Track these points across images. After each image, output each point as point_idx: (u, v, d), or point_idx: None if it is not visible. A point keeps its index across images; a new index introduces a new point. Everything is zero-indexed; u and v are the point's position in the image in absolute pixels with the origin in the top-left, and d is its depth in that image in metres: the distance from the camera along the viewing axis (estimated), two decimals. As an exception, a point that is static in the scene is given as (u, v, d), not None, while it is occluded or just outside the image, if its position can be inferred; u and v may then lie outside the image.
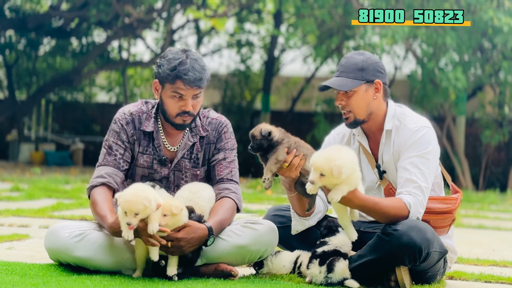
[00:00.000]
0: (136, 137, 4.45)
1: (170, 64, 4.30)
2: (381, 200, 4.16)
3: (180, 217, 4.07)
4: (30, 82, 22.75)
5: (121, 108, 4.56)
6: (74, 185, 12.07)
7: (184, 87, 4.29)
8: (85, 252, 4.18)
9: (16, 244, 5.51)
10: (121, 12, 17.76)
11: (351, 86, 4.34)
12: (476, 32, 15.36)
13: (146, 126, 4.45)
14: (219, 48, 22.81)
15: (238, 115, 22.07)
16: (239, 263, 4.40)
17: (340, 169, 3.89)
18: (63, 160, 20.38)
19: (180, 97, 4.32)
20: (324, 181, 3.95)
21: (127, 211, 3.94)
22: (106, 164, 4.40)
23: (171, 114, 4.36)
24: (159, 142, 4.45)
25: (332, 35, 18.17)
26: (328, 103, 19.41)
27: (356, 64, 4.38)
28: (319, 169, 3.93)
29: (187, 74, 4.27)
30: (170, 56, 4.34)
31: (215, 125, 4.58)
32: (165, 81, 4.33)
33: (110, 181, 4.34)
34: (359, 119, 4.41)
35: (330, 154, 3.97)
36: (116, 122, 4.46)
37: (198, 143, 4.52)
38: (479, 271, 5.04)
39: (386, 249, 4.10)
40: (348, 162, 3.94)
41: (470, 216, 9.98)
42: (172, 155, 4.49)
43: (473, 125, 18.47)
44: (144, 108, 4.51)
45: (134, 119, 4.46)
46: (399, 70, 20.13)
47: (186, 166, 4.48)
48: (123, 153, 4.42)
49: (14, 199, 9.36)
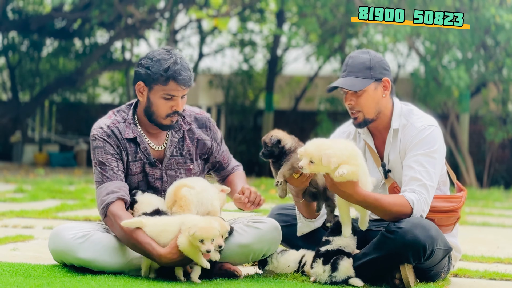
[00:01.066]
0: (123, 146, 4.37)
1: (162, 65, 4.24)
2: (383, 197, 4.15)
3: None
4: (33, 83, 22.79)
5: (94, 124, 4.46)
6: (78, 186, 12.08)
7: (177, 88, 4.25)
8: (89, 253, 4.17)
9: (20, 245, 5.51)
10: (123, 12, 17.77)
11: (362, 86, 4.33)
12: (479, 29, 15.35)
13: (127, 134, 4.38)
14: (222, 48, 22.81)
15: (241, 115, 22.08)
16: (242, 262, 4.40)
17: (330, 158, 3.89)
18: (67, 161, 20.40)
19: (171, 98, 4.28)
20: (313, 168, 3.96)
21: (204, 238, 3.93)
22: (108, 180, 4.29)
23: (161, 115, 4.31)
24: (144, 145, 4.40)
25: (335, 33, 18.16)
26: (331, 102, 19.40)
27: (363, 63, 4.36)
28: (309, 156, 3.95)
29: (181, 74, 4.24)
30: (158, 57, 4.27)
31: (203, 122, 4.57)
32: (155, 83, 4.26)
33: (123, 194, 4.24)
34: (369, 119, 4.39)
35: (323, 142, 4.00)
36: (97, 138, 4.37)
37: (187, 138, 4.50)
38: (483, 269, 5.03)
39: (390, 247, 4.09)
40: (340, 151, 3.94)
41: (475, 214, 9.97)
42: (160, 154, 4.45)
43: (477, 123, 18.45)
44: (118, 118, 4.43)
45: (113, 130, 4.37)
46: (402, 68, 20.12)
47: (178, 163, 4.46)
48: (117, 164, 4.33)
49: (18, 200, 9.37)
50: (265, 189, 12.83)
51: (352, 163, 3.96)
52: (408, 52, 19.64)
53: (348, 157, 3.96)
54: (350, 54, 4.47)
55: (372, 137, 4.52)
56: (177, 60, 4.26)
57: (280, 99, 22.78)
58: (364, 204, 4.11)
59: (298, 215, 4.55)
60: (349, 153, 3.97)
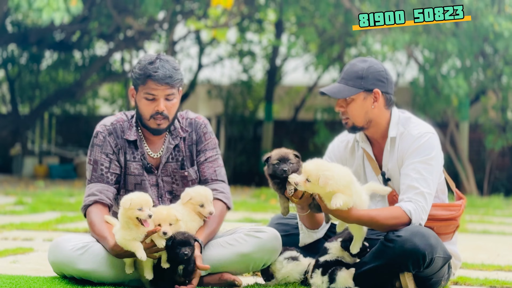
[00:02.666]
0: (120, 145, 4.44)
1: (141, 65, 4.33)
2: (378, 213, 4.14)
3: (179, 224, 4.10)
4: (33, 95, 22.81)
5: (101, 121, 4.54)
6: (78, 198, 12.08)
7: (156, 86, 4.29)
8: (89, 264, 4.17)
9: (20, 257, 5.51)
10: (122, 24, 17.81)
11: (347, 94, 4.34)
12: (477, 37, 15.37)
13: (129, 135, 4.45)
14: (221, 58, 22.84)
15: (241, 125, 22.09)
16: (242, 271, 4.40)
17: (327, 179, 3.89)
18: (67, 173, 20.40)
19: (153, 99, 4.32)
20: (308, 187, 3.96)
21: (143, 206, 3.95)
22: (94, 181, 4.38)
23: (145, 117, 4.36)
24: (142, 150, 4.45)
25: (333, 43, 18.19)
26: (328, 111, 19.42)
27: (356, 72, 4.37)
28: (306, 174, 3.95)
29: (156, 71, 4.28)
30: (143, 59, 4.37)
31: (195, 126, 4.57)
32: (138, 84, 4.35)
33: (102, 197, 4.33)
34: (357, 126, 4.41)
35: (323, 163, 3.98)
36: (98, 135, 4.44)
37: (182, 145, 4.50)
38: (484, 276, 5.02)
39: (389, 255, 4.10)
40: (338, 177, 3.94)
41: (475, 222, 9.96)
42: (156, 161, 4.48)
43: (476, 130, 18.45)
44: (124, 117, 4.52)
45: (115, 128, 4.46)
46: (402, 76, 20.13)
47: (174, 170, 4.47)
48: (109, 165, 4.40)
49: (18, 213, 9.37)
50: (265, 199, 12.83)
51: (347, 192, 3.97)
52: (407, 61, 19.66)
53: (345, 186, 3.96)
54: (351, 60, 4.49)
55: (370, 145, 4.53)
56: (157, 60, 4.33)
57: (279, 109, 22.79)
58: (360, 224, 4.12)
59: (300, 225, 4.55)
60: (346, 182, 3.97)
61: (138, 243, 3.99)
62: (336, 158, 4.62)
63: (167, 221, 4.02)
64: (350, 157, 4.59)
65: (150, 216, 3.94)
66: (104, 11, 17.81)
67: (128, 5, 17.80)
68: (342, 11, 16.66)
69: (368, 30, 16.32)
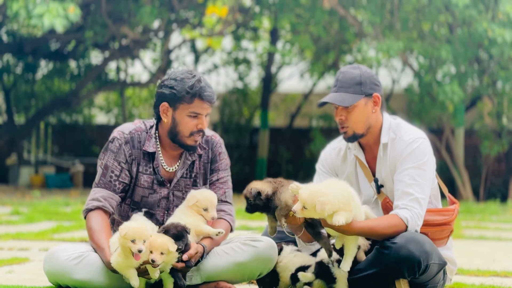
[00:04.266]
0: (135, 156, 4.42)
1: (186, 84, 4.30)
2: (377, 224, 4.14)
3: (175, 254, 4.06)
4: (28, 105, 22.78)
5: (119, 126, 4.52)
6: (74, 207, 12.07)
7: (203, 105, 4.31)
8: (84, 274, 4.17)
9: (16, 267, 5.51)
10: (117, 33, 17.82)
11: (352, 101, 4.35)
12: (472, 44, 15.41)
13: (148, 146, 4.43)
14: (217, 67, 22.86)
15: (237, 133, 22.09)
16: (238, 281, 4.40)
17: (324, 205, 3.89)
18: (63, 183, 20.36)
19: (196, 116, 4.33)
20: (306, 213, 3.96)
21: (136, 239, 3.92)
22: (101, 186, 4.37)
23: (185, 134, 4.35)
24: (157, 163, 4.44)
25: (329, 50, 18.22)
26: (324, 118, 19.43)
27: (353, 78, 4.38)
28: (302, 202, 3.95)
29: (206, 91, 4.30)
30: (181, 77, 4.33)
31: (211, 144, 4.58)
32: (180, 102, 4.31)
33: (105, 205, 4.32)
34: (358, 133, 4.41)
35: (317, 189, 3.96)
36: (114, 141, 4.41)
37: (197, 162, 4.52)
38: (479, 282, 5.03)
39: (385, 262, 4.10)
40: (334, 199, 3.93)
41: (471, 227, 9.97)
42: (170, 175, 4.48)
43: (472, 137, 18.48)
44: (143, 127, 4.49)
45: (133, 137, 4.43)
46: (397, 83, 20.17)
47: (186, 186, 4.48)
48: (119, 174, 4.38)
49: (14, 223, 9.35)
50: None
51: (348, 209, 3.97)
52: (402, 68, 19.70)
53: (344, 203, 3.96)
54: (341, 69, 4.49)
55: (363, 152, 4.54)
56: (201, 78, 4.34)
57: (275, 117, 22.80)
58: (360, 235, 4.13)
59: (297, 240, 4.55)
60: (345, 199, 3.96)
61: (132, 270, 3.99)
62: (329, 166, 4.63)
63: (159, 250, 3.97)
64: (342, 164, 4.60)
65: (140, 251, 3.91)
66: (99, 20, 17.82)
67: (123, 14, 17.81)
68: (337, 18, 16.69)
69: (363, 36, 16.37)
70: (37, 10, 12.73)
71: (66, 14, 13.02)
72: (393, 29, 15.87)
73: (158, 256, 3.96)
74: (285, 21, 17.28)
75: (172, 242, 4.01)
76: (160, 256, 3.96)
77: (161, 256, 3.97)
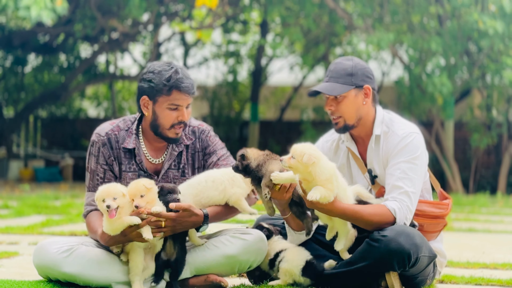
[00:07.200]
0: (114, 156, 4.42)
1: (164, 76, 4.29)
2: (362, 208, 4.15)
3: (153, 194, 4.07)
4: (17, 98, 22.72)
5: (97, 127, 4.52)
6: (63, 201, 12.03)
7: (181, 97, 4.30)
8: (74, 267, 4.16)
9: (5, 261, 5.49)
10: (106, 26, 17.76)
11: (341, 91, 4.36)
12: (462, 36, 15.43)
13: (127, 143, 4.43)
14: (206, 60, 22.83)
15: (227, 126, 22.09)
16: (228, 274, 4.40)
17: (311, 157, 3.90)
18: (52, 176, 20.31)
19: (176, 108, 4.32)
20: (292, 164, 3.95)
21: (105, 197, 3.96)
22: (92, 190, 4.40)
23: (165, 126, 4.35)
24: (140, 158, 4.43)
25: (319, 43, 18.22)
26: (316, 111, 19.44)
27: (345, 69, 4.40)
28: (292, 151, 3.97)
29: (183, 82, 4.29)
30: (159, 69, 4.33)
31: (199, 133, 4.58)
32: (159, 94, 4.31)
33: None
34: (349, 124, 4.42)
35: (311, 147, 4.00)
36: (94, 145, 4.45)
37: (185, 152, 4.51)
38: (469, 274, 5.04)
39: (375, 255, 4.10)
40: (323, 162, 3.96)
41: (461, 220, 9.99)
42: (156, 167, 4.48)
43: (461, 129, 18.53)
44: (121, 125, 4.48)
45: (110, 138, 4.43)
46: (387, 76, 20.20)
47: (174, 176, 4.47)
48: (103, 176, 4.41)
49: (3, 217, 9.32)
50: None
51: (328, 187, 3.97)
52: (392, 60, 19.73)
53: (327, 179, 3.97)
54: (334, 60, 4.51)
55: (355, 144, 4.54)
56: (178, 69, 4.32)
57: (265, 110, 22.81)
58: (344, 217, 4.13)
59: (287, 229, 4.54)
60: (329, 175, 3.98)
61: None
62: (321, 159, 4.62)
63: (138, 193, 4.01)
64: (334, 156, 4.61)
65: (108, 206, 3.94)
66: (88, 13, 17.76)
67: (112, 7, 17.76)
68: (327, 11, 16.69)
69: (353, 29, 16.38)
70: (24, 2, 12.68)
71: (53, 6, 12.97)
72: (382, 21, 15.88)
73: (139, 200, 4.00)
74: (275, 14, 17.27)
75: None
76: (141, 199, 4.00)
77: (142, 199, 4.00)
